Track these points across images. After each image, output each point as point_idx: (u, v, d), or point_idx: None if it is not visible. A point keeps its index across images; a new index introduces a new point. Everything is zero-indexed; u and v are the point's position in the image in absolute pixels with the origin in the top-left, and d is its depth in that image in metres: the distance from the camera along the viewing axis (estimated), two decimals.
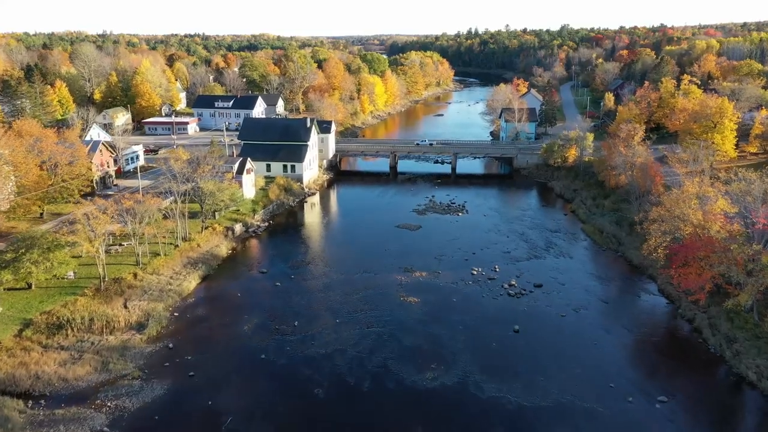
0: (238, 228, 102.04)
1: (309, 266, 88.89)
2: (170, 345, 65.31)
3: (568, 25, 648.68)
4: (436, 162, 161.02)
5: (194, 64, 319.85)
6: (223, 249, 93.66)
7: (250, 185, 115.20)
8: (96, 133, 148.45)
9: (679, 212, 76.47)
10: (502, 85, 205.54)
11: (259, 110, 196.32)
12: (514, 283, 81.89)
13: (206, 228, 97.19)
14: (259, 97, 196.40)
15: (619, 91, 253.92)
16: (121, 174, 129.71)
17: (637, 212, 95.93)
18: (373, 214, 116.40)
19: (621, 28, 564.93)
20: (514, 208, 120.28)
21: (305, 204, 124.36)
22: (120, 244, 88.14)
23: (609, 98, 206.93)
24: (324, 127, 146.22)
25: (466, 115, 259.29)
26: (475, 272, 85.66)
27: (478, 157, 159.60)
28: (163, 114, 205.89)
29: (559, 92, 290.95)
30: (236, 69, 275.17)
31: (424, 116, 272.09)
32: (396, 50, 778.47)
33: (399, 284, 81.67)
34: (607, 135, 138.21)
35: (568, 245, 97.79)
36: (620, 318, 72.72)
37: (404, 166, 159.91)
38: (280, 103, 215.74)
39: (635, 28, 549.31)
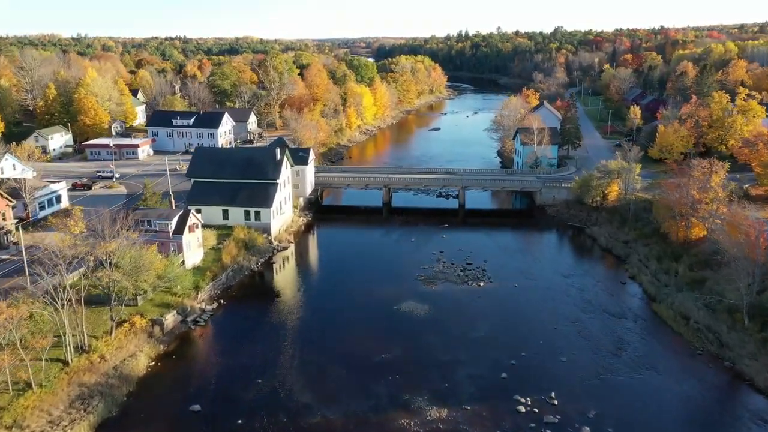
0: (171, 319, 71.22)
1: (266, 391, 58.37)
2: None
3: (561, 27, 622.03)
4: (440, 195, 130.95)
5: (162, 71, 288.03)
6: (142, 362, 62.79)
7: (195, 247, 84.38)
8: (10, 165, 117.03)
9: None
10: (512, 98, 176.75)
11: (225, 129, 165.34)
12: None
13: (119, 325, 66.29)
14: (226, 114, 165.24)
15: (639, 102, 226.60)
16: (30, 222, 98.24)
17: (743, 294, 66.58)
18: (364, 282, 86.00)
19: (619, 30, 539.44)
20: (551, 271, 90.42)
21: (273, 265, 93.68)
22: None
23: (635, 112, 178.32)
24: (300, 156, 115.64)
25: (466, 130, 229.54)
26: (522, 408, 55.57)
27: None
28: (114, 133, 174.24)
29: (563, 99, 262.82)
30: (204, 78, 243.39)
31: (418, 129, 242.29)
32: (383, 53, 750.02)
33: None
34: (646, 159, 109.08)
35: (643, 344, 67.98)
36: None
37: (400, 199, 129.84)
38: (253, 119, 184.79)
39: (635, 30, 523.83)
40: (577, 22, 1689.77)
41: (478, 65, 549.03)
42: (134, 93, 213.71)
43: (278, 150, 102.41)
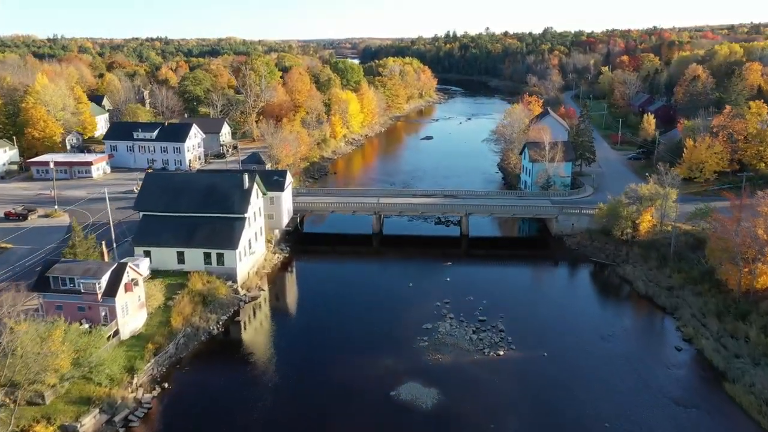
0: (91, 422, 52.67)
1: None
2: None
3: (551, 28, 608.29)
4: (439, 222, 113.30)
5: (133, 74, 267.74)
6: None
7: (134, 310, 65.77)
8: None
9: None
10: (515, 105, 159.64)
11: (193, 142, 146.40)
12: None
13: None
14: (194, 125, 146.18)
15: (647, 108, 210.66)
16: None
17: None
18: (352, 350, 67.87)
19: (611, 30, 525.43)
20: (585, 330, 72.82)
21: (238, 324, 75.32)
22: None
23: (649, 121, 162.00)
24: (274, 181, 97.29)
25: (461, 139, 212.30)
26: None
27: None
28: (69, 147, 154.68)
29: (564, 106, 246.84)
30: (177, 83, 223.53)
31: (408, 138, 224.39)
32: (369, 55, 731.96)
33: None
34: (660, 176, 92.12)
35: None
36: None
37: (393, 225, 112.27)
38: (226, 130, 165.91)
39: (628, 30, 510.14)
40: (567, 22, 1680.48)
41: (468, 67, 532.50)
42: (97, 100, 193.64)
43: (246, 177, 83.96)
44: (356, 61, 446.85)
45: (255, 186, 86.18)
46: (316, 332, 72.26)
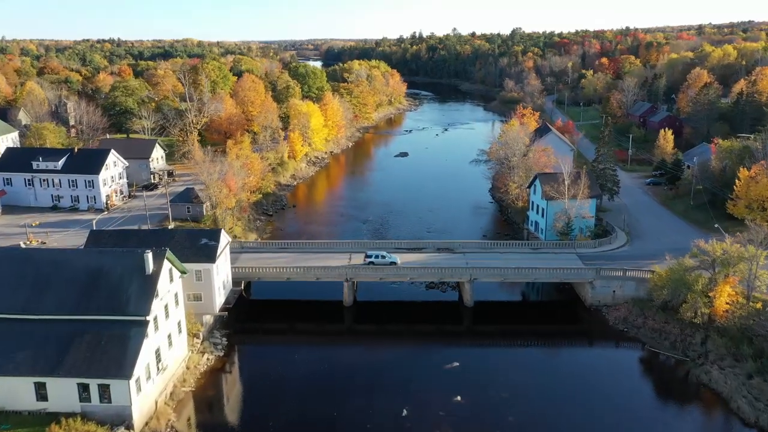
0: None
1: None
2: None
3: (520, 28, 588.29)
4: (431, 286, 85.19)
5: (65, 81, 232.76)
6: None
7: None
8: None
9: None
10: (514, 122, 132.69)
11: (112, 173, 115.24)
12: None
13: None
14: (112, 152, 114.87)
15: (648, 118, 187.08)
16: None
17: None
18: None
19: (585, 31, 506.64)
20: None
21: None
22: None
23: (667, 138, 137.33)
24: (202, 246, 67.65)
25: (441, 155, 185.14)
26: None
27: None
28: None
29: (551, 115, 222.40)
30: (109, 92, 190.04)
31: (380, 154, 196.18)
32: (332, 56, 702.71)
33: None
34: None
35: None
36: None
37: (371, 290, 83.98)
38: (158, 153, 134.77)
39: (603, 31, 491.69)
40: (535, 23, 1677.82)
41: (436, 70, 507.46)
42: (2, 114, 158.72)
43: (149, 257, 54.28)
44: (319, 64, 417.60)
45: (166, 267, 56.66)
46: None
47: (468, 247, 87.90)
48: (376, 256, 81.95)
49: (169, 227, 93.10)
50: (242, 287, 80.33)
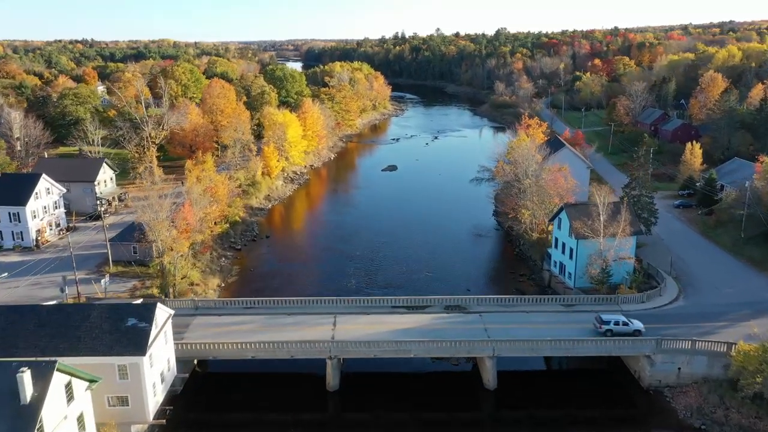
0: None
1: None
2: None
3: (505, 28, 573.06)
4: (435, 358, 66.43)
5: (18, 86, 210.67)
6: None
7: None
8: None
9: None
10: (524, 137, 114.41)
11: (44, 202, 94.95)
12: None
13: None
14: (43, 177, 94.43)
15: (661, 126, 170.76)
16: None
17: None
18: None
19: (573, 31, 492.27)
20: None
21: None
22: None
23: (695, 153, 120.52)
24: (128, 331, 48.37)
25: (434, 168, 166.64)
26: None
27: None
28: None
29: (551, 123, 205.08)
30: (57, 99, 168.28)
31: (364, 165, 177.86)
32: (313, 57, 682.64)
33: None
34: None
35: None
36: None
37: (359, 362, 65.08)
38: (107, 174, 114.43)
39: (592, 31, 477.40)
40: (520, 23, 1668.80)
41: (420, 71, 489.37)
42: None
43: (26, 378, 35.00)
44: (298, 66, 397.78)
45: (58, 384, 37.42)
46: None
47: (484, 303, 69.27)
48: (615, 323, 61.88)
49: (95, 296, 73.70)
50: (195, 363, 61.35)
